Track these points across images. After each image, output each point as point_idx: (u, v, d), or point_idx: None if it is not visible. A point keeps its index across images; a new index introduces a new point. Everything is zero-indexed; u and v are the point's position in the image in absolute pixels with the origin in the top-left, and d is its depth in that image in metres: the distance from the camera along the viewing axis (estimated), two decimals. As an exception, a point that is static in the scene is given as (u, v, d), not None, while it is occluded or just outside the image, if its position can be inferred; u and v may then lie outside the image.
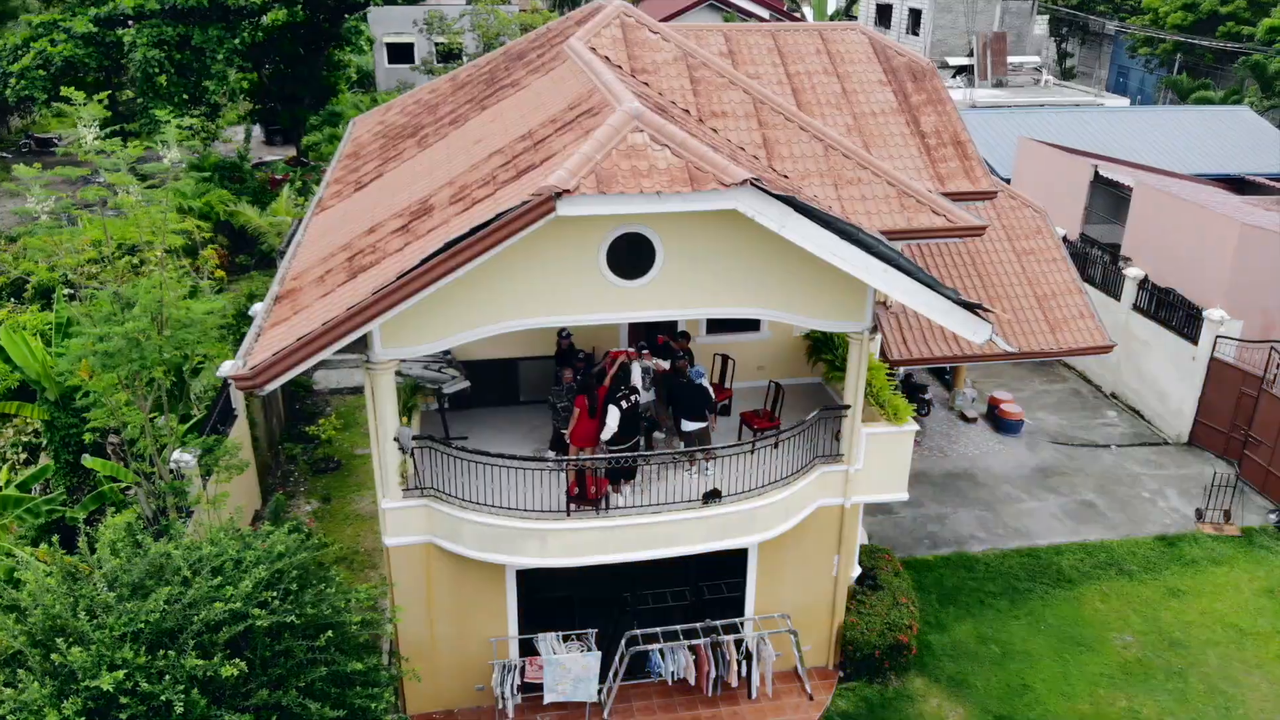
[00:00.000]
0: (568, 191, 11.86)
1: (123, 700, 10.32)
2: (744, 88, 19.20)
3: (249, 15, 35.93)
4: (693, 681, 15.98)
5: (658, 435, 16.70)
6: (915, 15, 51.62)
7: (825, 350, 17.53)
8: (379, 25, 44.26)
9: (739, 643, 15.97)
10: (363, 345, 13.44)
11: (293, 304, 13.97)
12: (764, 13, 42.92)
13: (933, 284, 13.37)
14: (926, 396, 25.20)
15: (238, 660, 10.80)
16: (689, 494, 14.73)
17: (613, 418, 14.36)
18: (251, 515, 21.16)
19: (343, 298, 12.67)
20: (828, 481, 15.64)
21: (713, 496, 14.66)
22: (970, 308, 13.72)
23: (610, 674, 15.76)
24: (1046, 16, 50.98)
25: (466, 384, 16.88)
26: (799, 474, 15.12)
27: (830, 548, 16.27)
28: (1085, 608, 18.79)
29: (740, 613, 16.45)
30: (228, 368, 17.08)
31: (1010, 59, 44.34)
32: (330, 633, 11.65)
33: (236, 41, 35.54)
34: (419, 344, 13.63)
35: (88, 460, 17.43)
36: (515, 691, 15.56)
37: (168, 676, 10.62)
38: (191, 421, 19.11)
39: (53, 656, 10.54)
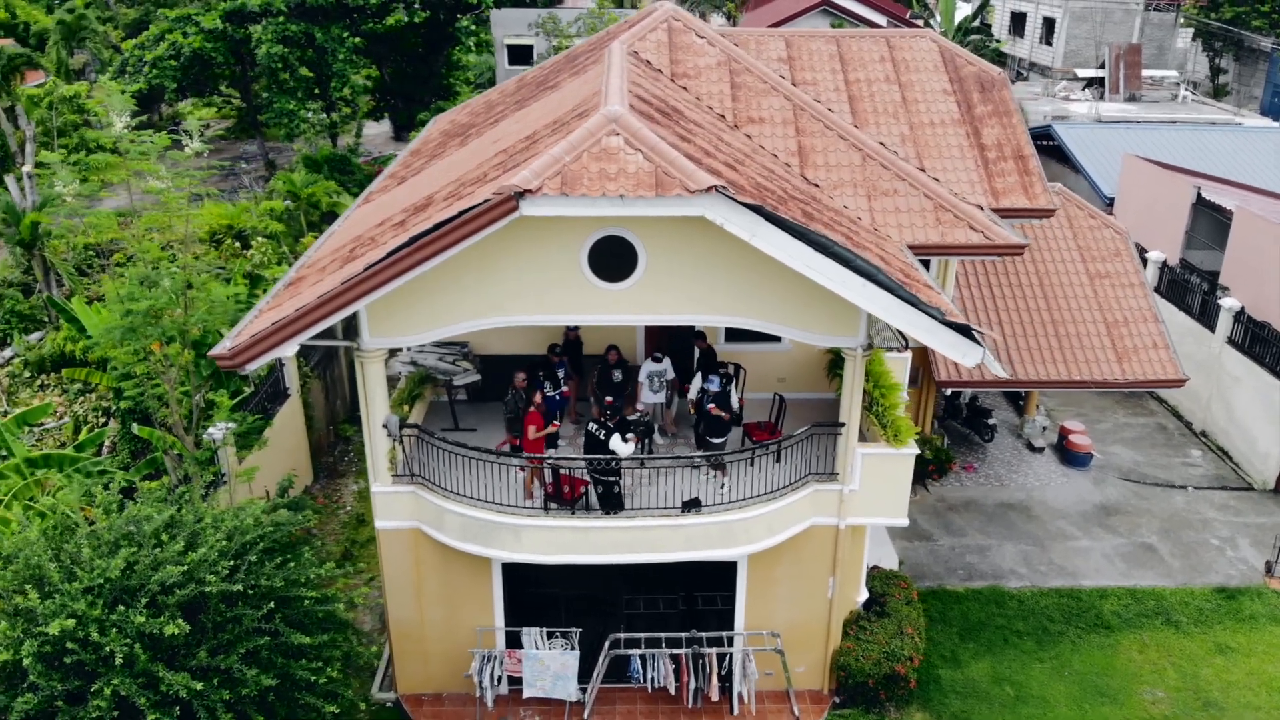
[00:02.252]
0: (530, 191, 11.98)
1: (69, 646, 11.04)
2: (785, 94, 18.91)
3: (370, 15, 37.55)
4: (673, 691, 15.82)
5: (658, 440, 16.66)
6: (1049, 24, 49.25)
7: (842, 366, 17.01)
8: (500, 27, 45.46)
9: (722, 656, 15.70)
10: (354, 334, 13.98)
11: (295, 290, 14.58)
12: (880, 19, 41.87)
13: (915, 302, 12.82)
14: (991, 421, 24.08)
15: (180, 620, 11.38)
16: (674, 500, 14.61)
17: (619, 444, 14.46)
18: (300, 491, 22.15)
19: (325, 286, 13.15)
20: (821, 500, 15.20)
21: (692, 505, 14.49)
22: (959, 329, 13.08)
23: (594, 674, 15.75)
24: (1191, 30, 47.73)
25: (477, 377, 17.22)
26: (786, 490, 14.76)
27: (825, 568, 15.80)
28: (1119, 657, 17.60)
29: (731, 626, 16.18)
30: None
31: (1147, 72, 41.74)
32: (273, 604, 12.09)
33: (357, 40, 37.20)
34: (406, 335, 14.03)
35: (136, 428, 18.63)
36: (497, 682, 15.80)
37: (115, 630, 11.28)
38: (240, 398, 20.13)
39: (16, 599, 11.37)
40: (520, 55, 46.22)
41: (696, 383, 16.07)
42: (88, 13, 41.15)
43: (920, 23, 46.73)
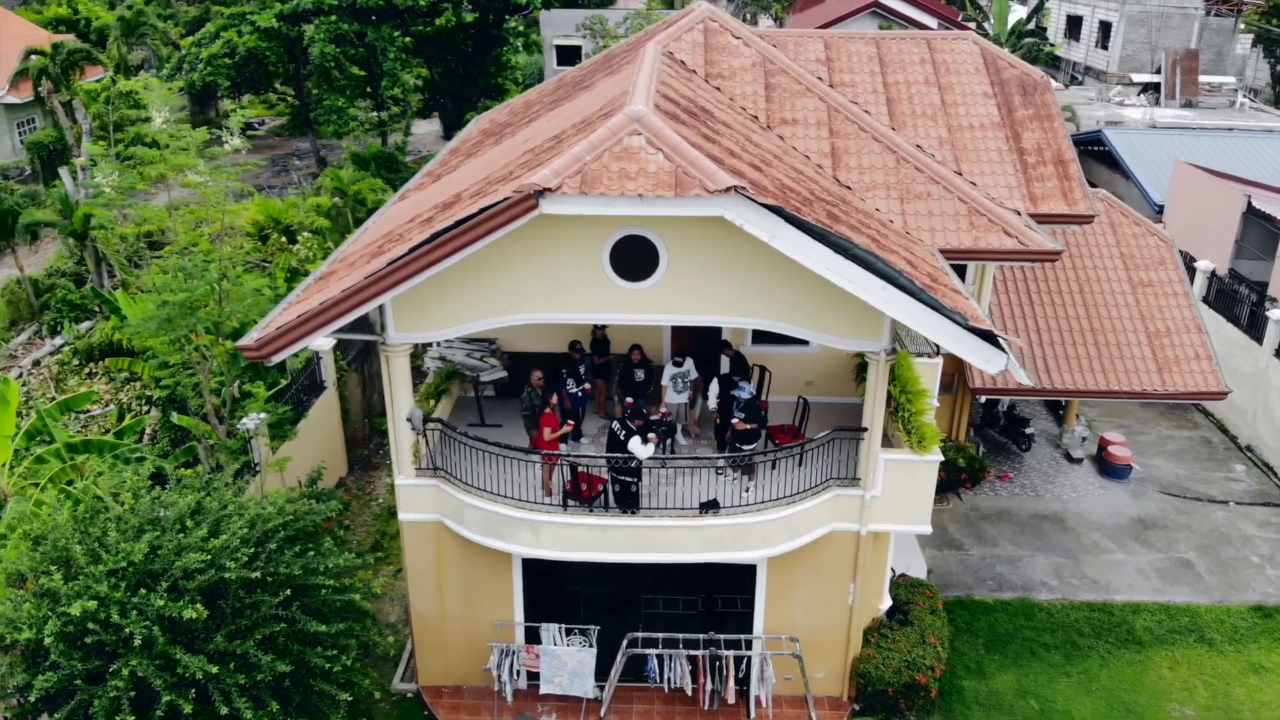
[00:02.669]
0: (550, 190, 12.05)
1: (90, 627, 11.32)
2: (820, 95, 18.80)
3: (420, 15, 37.99)
4: (690, 692, 15.79)
5: (681, 440, 16.66)
6: (1105, 28, 48.26)
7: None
8: (549, 28, 45.73)
9: (739, 659, 15.64)
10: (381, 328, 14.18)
11: (324, 285, 14.81)
12: (931, 21, 41.37)
13: (936, 306, 12.67)
14: (1029, 431, 23.69)
15: (199, 605, 11.60)
16: (693, 501, 14.60)
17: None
18: (334, 482, 22.51)
19: (349, 280, 13.34)
20: (842, 506, 15.07)
21: (710, 507, 14.46)
22: (983, 335, 12.91)
23: (612, 673, 15.77)
24: (1251, 36, 46.42)
25: (504, 374, 17.34)
26: (806, 494, 14.67)
27: (846, 575, 15.66)
28: (1149, 673, 17.24)
29: (750, 629, 16.11)
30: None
31: (1204, 78, 40.77)
32: (289, 591, 12.28)
33: (407, 40, 37.64)
34: (430, 330, 14.22)
35: (175, 417, 19.05)
36: (516, 676, 15.89)
37: (135, 612, 11.55)
38: (276, 389, 20.47)
39: (41, 580, 11.69)
40: (568, 56, 46.45)
41: (714, 389, 16.04)
42: (147, 10, 42.18)
43: (972, 25, 46.14)
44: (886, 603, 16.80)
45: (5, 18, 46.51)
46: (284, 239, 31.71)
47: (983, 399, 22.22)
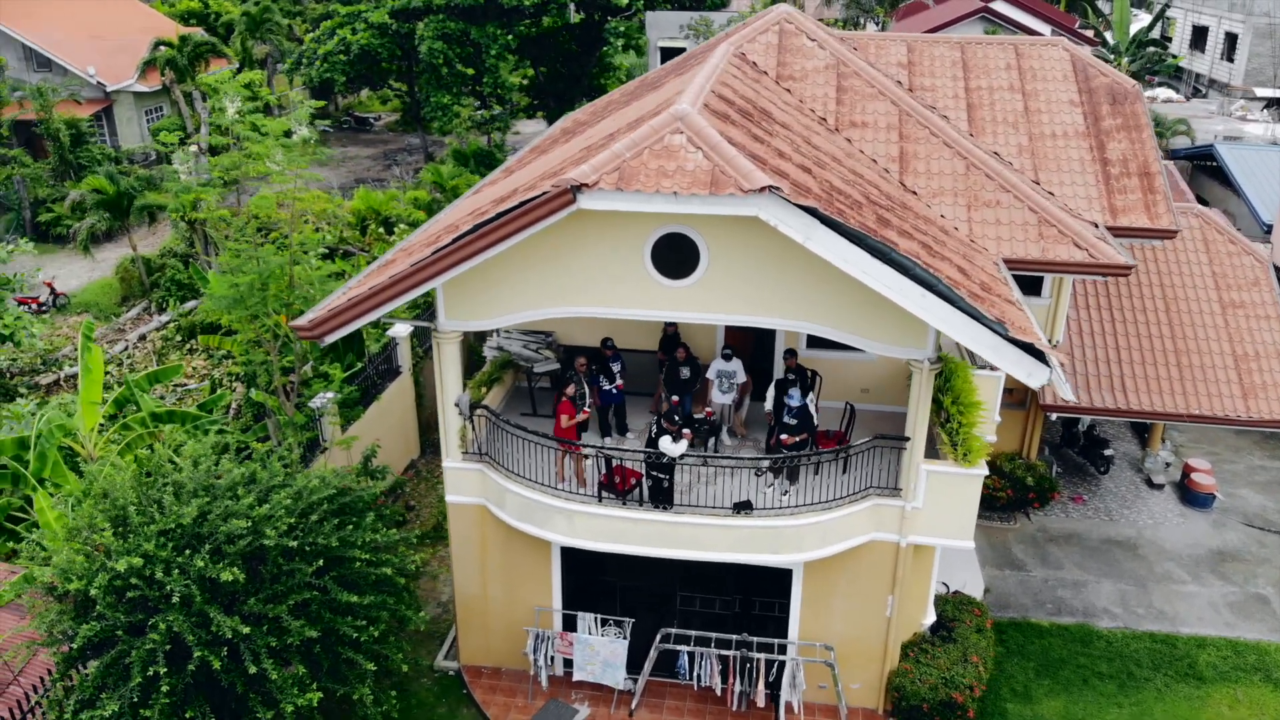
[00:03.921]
0: (587, 185, 12.28)
1: (134, 582, 12.06)
2: (893, 99, 18.57)
3: (526, 15, 38.82)
4: (719, 691, 15.82)
5: (726, 441, 16.68)
6: (1231, 40, 45.84)
7: (924, 379, 16.56)
8: (654, 30, 46.00)
9: (770, 663, 15.58)
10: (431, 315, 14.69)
11: (382, 272, 15.38)
12: (1044, 28, 40.11)
13: (977, 315, 12.41)
14: (1108, 452, 22.83)
15: (237, 568, 12.22)
16: (731, 501, 14.62)
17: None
18: (405, 464, 23.27)
19: (399, 268, 13.84)
20: (882, 515, 14.86)
21: (743, 507, 14.47)
22: (1025, 347, 12.58)
23: (644, 666, 15.90)
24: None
25: (557, 365, 17.65)
26: (842, 501, 14.53)
27: (884, 586, 15.43)
28: (1206, 710, 16.47)
29: (784, 634, 16.03)
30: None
31: (1338, 92, 38.48)
32: (324, 562, 12.81)
33: (509, 39, 38.50)
34: (479, 319, 14.61)
35: (253, 393, 19.99)
36: (551, 662, 16.21)
37: (177, 571, 12.24)
38: (351, 371, 21.28)
39: (95, 536, 12.50)
40: (673, 57, 46.70)
41: (771, 392, 15.99)
42: (273, 6, 44.10)
43: (1090, 33, 44.56)
44: (930, 618, 16.47)
45: (137, 9, 49.40)
46: (382, 229, 32.89)
47: (1054, 416, 21.50)
